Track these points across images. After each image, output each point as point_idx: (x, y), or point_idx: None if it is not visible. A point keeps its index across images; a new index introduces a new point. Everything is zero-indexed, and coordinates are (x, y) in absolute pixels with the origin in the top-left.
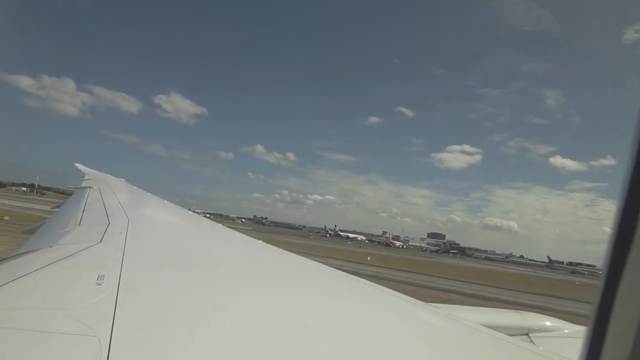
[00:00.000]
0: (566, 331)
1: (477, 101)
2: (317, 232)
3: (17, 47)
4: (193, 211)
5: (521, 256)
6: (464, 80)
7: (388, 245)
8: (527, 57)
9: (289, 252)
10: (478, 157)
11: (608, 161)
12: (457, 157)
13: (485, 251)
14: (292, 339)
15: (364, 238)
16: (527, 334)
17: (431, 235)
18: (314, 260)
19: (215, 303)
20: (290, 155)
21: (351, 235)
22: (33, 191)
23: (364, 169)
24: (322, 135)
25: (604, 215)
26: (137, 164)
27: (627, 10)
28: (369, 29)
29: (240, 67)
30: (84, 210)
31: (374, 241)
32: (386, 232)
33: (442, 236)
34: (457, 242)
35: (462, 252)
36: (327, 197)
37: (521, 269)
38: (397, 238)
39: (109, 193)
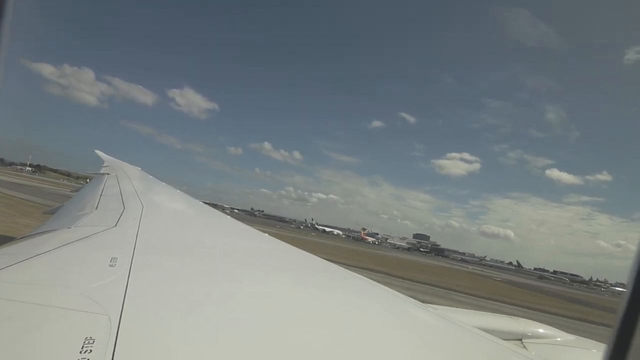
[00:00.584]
0: (558, 339)
1: (479, 111)
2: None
3: (40, 35)
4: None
5: (500, 261)
6: (467, 90)
7: (360, 240)
8: (531, 71)
9: (294, 247)
10: (477, 166)
11: (604, 177)
12: (456, 164)
13: (464, 253)
14: (290, 330)
15: (340, 233)
16: (520, 340)
17: (417, 236)
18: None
19: (220, 290)
20: (297, 154)
21: (328, 229)
22: (40, 171)
23: (367, 171)
24: (329, 136)
25: (599, 229)
26: (150, 153)
27: (629, 32)
28: (377, 35)
29: (252, 66)
30: (101, 195)
31: (350, 236)
32: (365, 229)
33: (427, 237)
34: (439, 244)
35: (441, 252)
36: (331, 196)
37: (475, 269)
38: (373, 235)
39: (125, 180)
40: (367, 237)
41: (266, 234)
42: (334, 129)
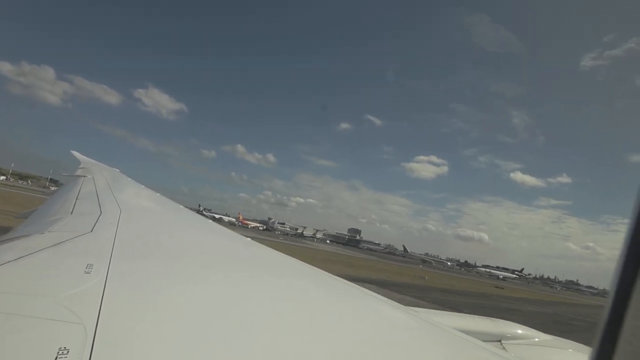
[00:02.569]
0: (536, 339)
1: (447, 115)
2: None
3: None
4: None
5: (407, 250)
6: (433, 93)
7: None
8: (494, 77)
9: (276, 251)
10: (445, 169)
11: (564, 179)
12: (425, 167)
13: (378, 244)
14: (271, 335)
15: (234, 220)
16: (500, 341)
17: (350, 230)
18: None
19: (201, 295)
20: (270, 157)
21: (217, 216)
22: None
23: (345, 175)
24: (307, 140)
25: (569, 232)
26: (123, 157)
27: (583, 38)
28: (347, 36)
29: (218, 65)
30: (77, 198)
31: (236, 224)
32: (271, 218)
33: (358, 231)
34: (362, 238)
35: (356, 243)
36: (309, 200)
37: (355, 253)
38: (281, 224)
39: (102, 183)
40: (247, 222)
41: (248, 238)
42: (311, 133)
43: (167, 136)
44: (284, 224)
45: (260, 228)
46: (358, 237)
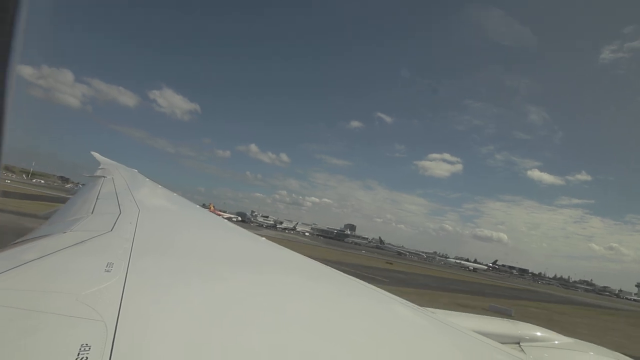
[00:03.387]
0: (556, 342)
1: (460, 112)
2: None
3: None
4: None
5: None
6: (444, 90)
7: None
8: (510, 73)
9: (293, 251)
10: (459, 167)
11: (583, 176)
12: (438, 165)
13: (367, 239)
14: (291, 333)
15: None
16: (518, 343)
17: (347, 226)
18: None
19: (219, 294)
20: (284, 157)
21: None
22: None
23: (360, 174)
24: (319, 139)
25: (592, 232)
26: (141, 158)
27: (602, 30)
28: (360, 35)
29: (232, 66)
30: (97, 199)
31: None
32: (254, 212)
33: (354, 227)
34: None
35: (343, 237)
36: (325, 200)
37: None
38: (264, 217)
39: (121, 183)
40: (220, 213)
41: (264, 238)
42: (324, 133)
43: (183, 137)
44: (267, 217)
45: (234, 219)
46: (349, 232)
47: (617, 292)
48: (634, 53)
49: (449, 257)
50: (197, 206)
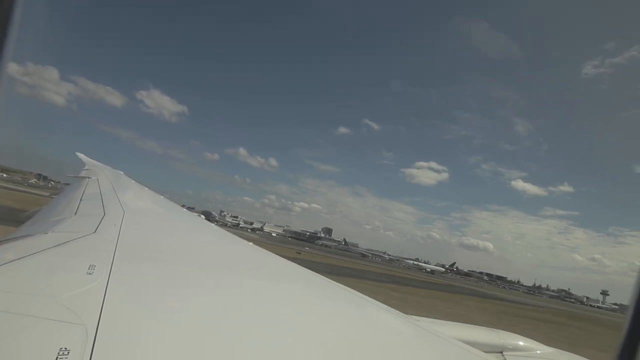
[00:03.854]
0: (538, 352)
1: (448, 122)
2: None
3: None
4: None
5: (354, 244)
6: (433, 100)
7: None
8: (497, 85)
9: (279, 257)
10: (445, 175)
11: (565, 187)
12: (425, 173)
13: (338, 241)
14: (273, 338)
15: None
16: (501, 352)
17: (324, 229)
18: None
19: (203, 298)
20: (273, 161)
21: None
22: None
23: (349, 181)
24: (309, 144)
25: (576, 243)
26: (128, 159)
27: (584, 46)
28: (349, 42)
29: (220, 68)
30: (80, 199)
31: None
32: (223, 212)
33: (330, 230)
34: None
35: (314, 240)
36: (314, 205)
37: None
38: (235, 217)
39: (106, 184)
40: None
41: (250, 243)
42: (313, 138)
43: (171, 138)
44: (236, 217)
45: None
46: (324, 235)
47: (583, 299)
48: (615, 68)
49: (408, 259)
50: (184, 209)
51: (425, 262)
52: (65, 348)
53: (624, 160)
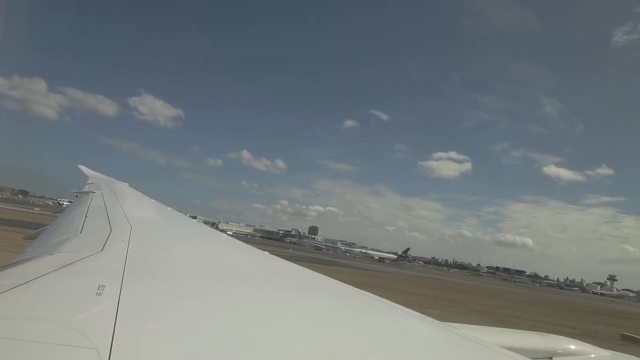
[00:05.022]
0: (592, 355)
1: (467, 107)
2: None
3: None
4: None
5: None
6: (445, 83)
7: None
8: (518, 62)
9: (292, 263)
10: (468, 165)
11: (604, 170)
12: (445, 164)
13: (313, 238)
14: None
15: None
16: (551, 358)
17: (311, 229)
18: None
19: (218, 316)
20: (279, 163)
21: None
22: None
23: (366, 179)
24: (316, 142)
25: (626, 232)
26: (131, 170)
27: (612, 11)
28: (348, 25)
29: (214, 69)
30: (85, 216)
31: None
32: (194, 216)
33: (316, 229)
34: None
35: (285, 237)
36: (330, 208)
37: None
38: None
39: (111, 198)
40: None
41: (266, 252)
42: (319, 134)
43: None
44: (215, 223)
45: None
46: (302, 234)
47: (584, 285)
48: None
49: (355, 249)
50: (194, 220)
51: (375, 250)
52: None
53: None
